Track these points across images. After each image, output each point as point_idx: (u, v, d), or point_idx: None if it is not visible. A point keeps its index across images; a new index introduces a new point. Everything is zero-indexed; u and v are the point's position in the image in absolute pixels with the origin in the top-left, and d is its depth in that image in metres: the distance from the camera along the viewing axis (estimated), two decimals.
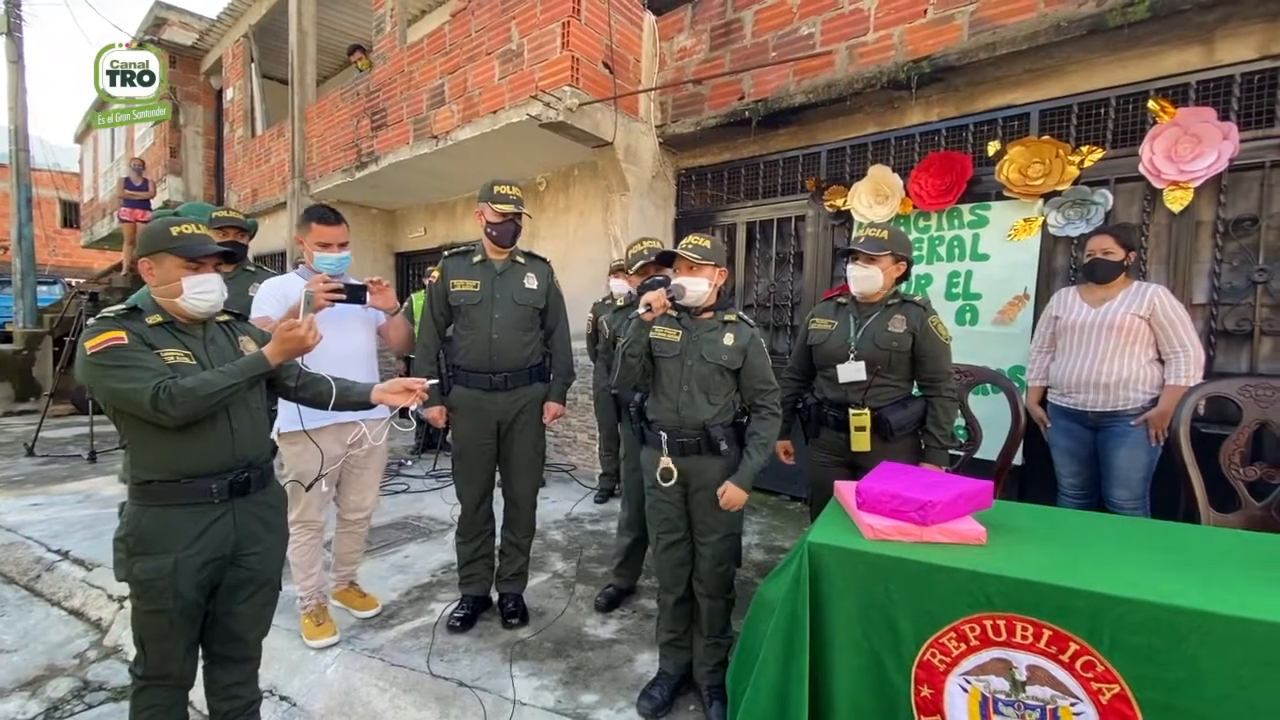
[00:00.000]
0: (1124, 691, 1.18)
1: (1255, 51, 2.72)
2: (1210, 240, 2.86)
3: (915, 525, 1.43)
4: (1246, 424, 2.34)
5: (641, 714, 1.90)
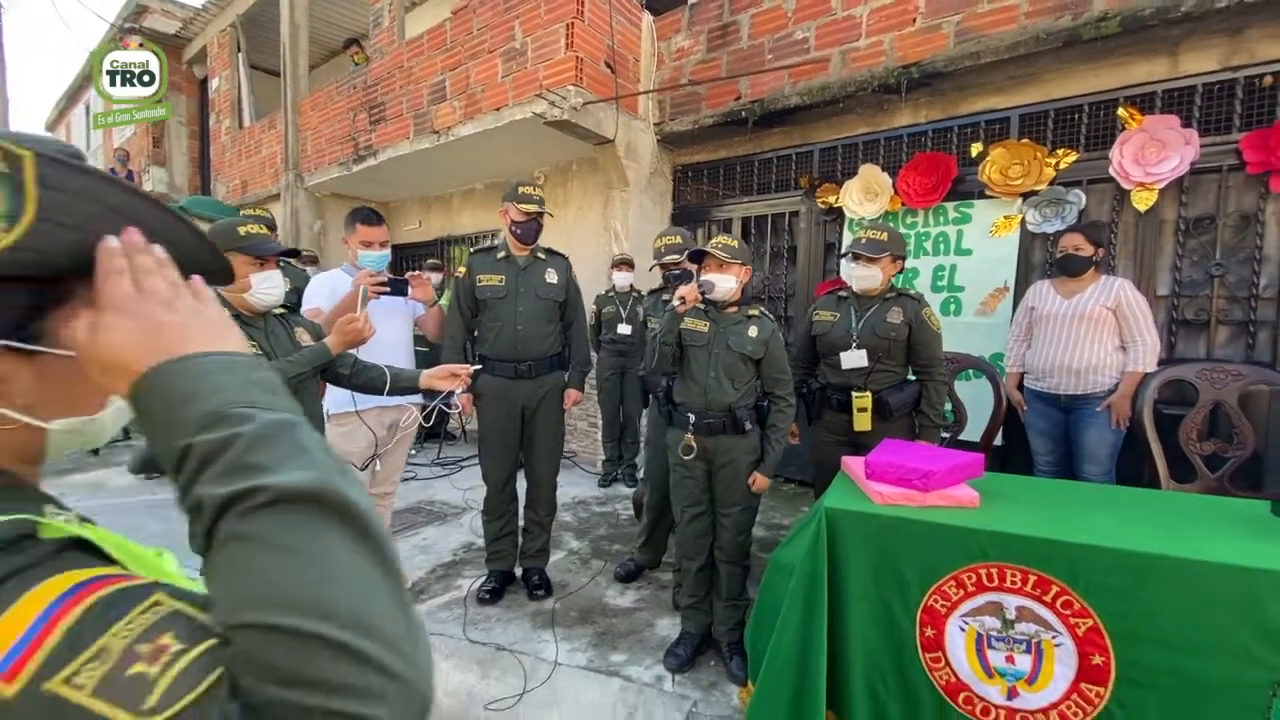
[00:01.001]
0: (1096, 624, 1.40)
1: (1216, 64, 2.96)
2: (1172, 237, 3.12)
3: (918, 491, 1.64)
4: (1203, 404, 2.61)
5: (668, 669, 2.11)
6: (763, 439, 2.11)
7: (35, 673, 0.31)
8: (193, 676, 0.32)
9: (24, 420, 0.44)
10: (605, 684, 2.07)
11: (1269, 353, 2.91)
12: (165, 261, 0.46)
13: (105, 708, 0.31)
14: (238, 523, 0.35)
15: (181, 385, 0.41)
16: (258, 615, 0.33)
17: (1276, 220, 2.90)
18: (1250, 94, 2.91)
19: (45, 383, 0.45)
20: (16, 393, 0.44)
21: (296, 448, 0.39)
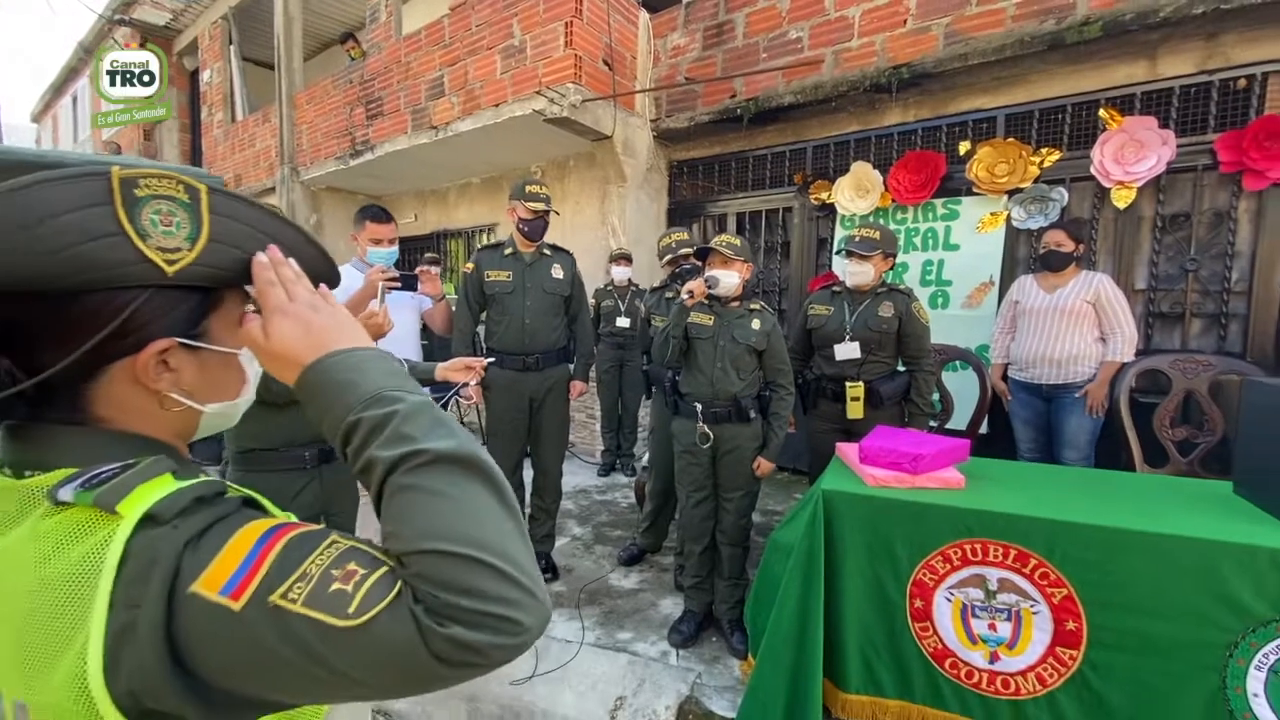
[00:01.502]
0: (1071, 593, 1.53)
1: (1193, 67, 3.09)
2: (1150, 234, 3.26)
3: (908, 474, 1.76)
4: (1175, 393, 2.75)
5: (673, 644, 2.23)
6: (765, 426, 2.23)
7: (256, 590, 0.42)
8: (381, 589, 0.42)
9: (188, 404, 0.54)
10: (614, 659, 2.18)
11: (1239, 344, 3.05)
12: (301, 272, 0.56)
13: (317, 614, 0.41)
14: (406, 477, 0.46)
15: (340, 374, 0.51)
16: (432, 544, 0.43)
17: (1248, 218, 3.04)
18: (1225, 96, 3.04)
19: (203, 374, 0.56)
20: (184, 381, 0.54)
21: (437, 422, 0.49)
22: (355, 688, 0.42)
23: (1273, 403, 1.58)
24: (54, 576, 0.43)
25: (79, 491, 0.45)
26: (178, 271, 0.50)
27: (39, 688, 0.42)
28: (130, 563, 0.43)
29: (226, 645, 0.42)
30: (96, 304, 0.48)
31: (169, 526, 0.44)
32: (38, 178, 0.44)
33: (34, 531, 0.45)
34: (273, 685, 0.43)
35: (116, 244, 0.47)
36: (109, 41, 9.42)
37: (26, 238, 0.43)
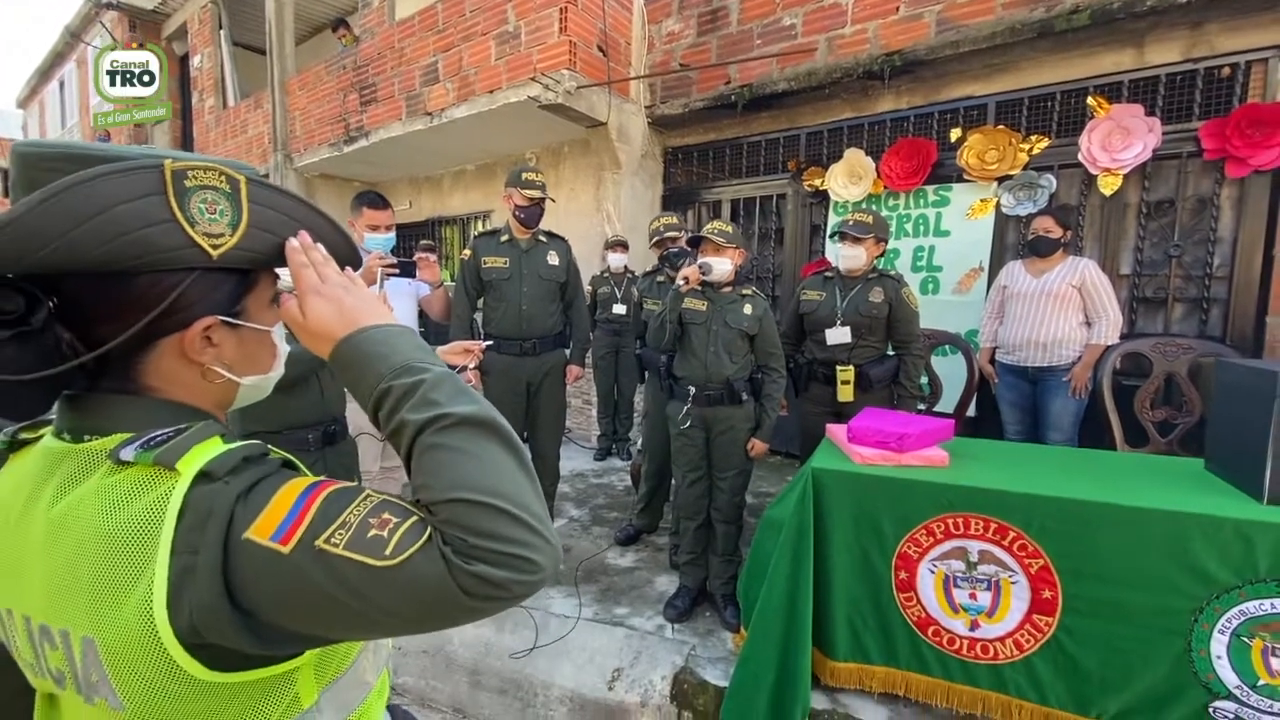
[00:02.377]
0: (1047, 564, 1.61)
1: (1179, 55, 3.13)
2: (1135, 220, 3.32)
3: (894, 452, 1.83)
4: (1156, 375, 2.83)
5: (668, 619, 2.31)
6: (758, 408, 2.30)
7: (302, 536, 0.47)
8: (414, 534, 0.48)
9: (228, 377, 0.60)
10: (611, 633, 2.26)
11: (1220, 328, 3.13)
12: (329, 256, 0.62)
13: (358, 556, 0.47)
14: (434, 437, 0.51)
15: (371, 347, 0.56)
16: (460, 494, 0.48)
17: (1230, 204, 3.10)
18: (1209, 84, 3.09)
19: (241, 349, 0.61)
20: (224, 355, 0.59)
21: (459, 390, 0.55)
22: (390, 620, 0.48)
23: (1242, 382, 1.65)
24: (120, 526, 0.49)
25: (139, 452, 0.50)
26: (221, 255, 0.55)
27: (107, 624, 0.48)
28: (189, 513, 0.48)
29: (277, 584, 0.47)
30: (150, 284, 0.54)
31: (221, 482, 0.50)
32: (100, 170, 0.49)
33: (99, 487, 0.51)
34: (317, 620, 0.48)
35: (168, 230, 0.52)
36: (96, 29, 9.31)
37: (92, 225, 0.48)
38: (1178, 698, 1.52)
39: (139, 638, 0.47)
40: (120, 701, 0.49)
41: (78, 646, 0.50)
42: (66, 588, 0.50)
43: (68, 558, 0.50)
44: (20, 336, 0.50)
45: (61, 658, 0.51)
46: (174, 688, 0.48)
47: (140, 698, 0.49)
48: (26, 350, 0.51)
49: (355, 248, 0.68)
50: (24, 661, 0.56)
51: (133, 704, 0.49)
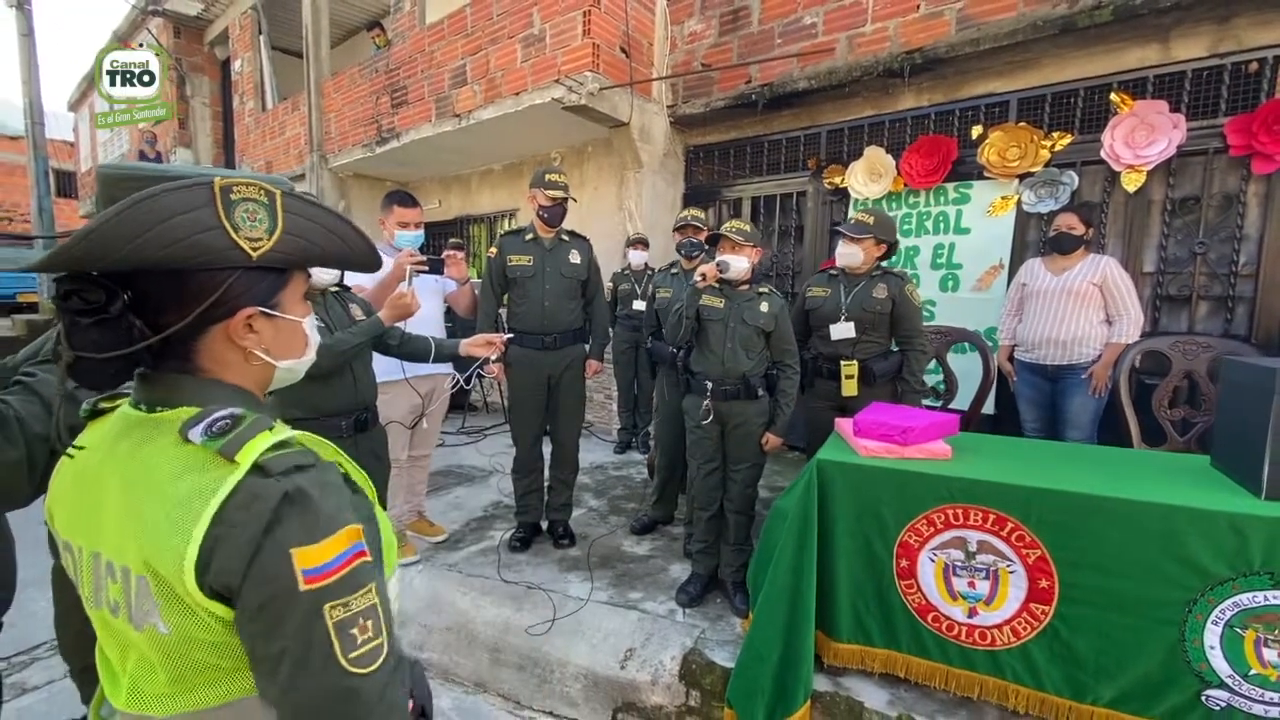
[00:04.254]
0: (1044, 554, 1.65)
1: (1205, 50, 3.10)
2: (1159, 217, 3.29)
3: (898, 445, 1.89)
4: (1175, 374, 2.82)
5: (679, 604, 2.40)
6: (772, 404, 2.37)
7: (321, 589, 0.58)
8: (375, 655, 0.61)
9: (266, 359, 0.71)
10: (625, 615, 2.36)
11: (1245, 326, 3.10)
12: None
13: (334, 638, 0.58)
14: None
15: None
16: None
17: (1257, 201, 3.06)
18: (1236, 79, 3.05)
19: (277, 336, 0.72)
20: (264, 341, 0.71)
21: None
22: (290, 691, 0.58)
23: (1245, 379, 1.67)
24: (181, 491, 0.60)
25: (205, 439, 0.62)
26: (260, 256, 0.67)
27: (157, 565, 0.59)
28: (239, 495, 0.59)
29: (264, 597, 0.58)
30: (203, 280, 0.65)
31: (274, 479, 0.60)
32: (164, 188, 0.60)
33: (172, 455, 0.63)
34: (257, 639, 0.59)
35: (217, 235, 0.63)
36: (142, 34, 9.71)
37: (155, 232, 0.59)
38: (1171, 686, 1.56)
39: (178, 580, 0.58)
40: (167, 628, 0.61)
41: (133, 583, 0.62)
42: (131, 531, 0.62)
43: (135, 507, 0.62)
44: (101, 322, 0.62)
45: (119, 590, 0.63)
46: (205, 618, 0.59)
47: (182, 623, 0.60)
48: (106, 334, 0.62)
49: (377, 251, 0.79)
50: (84, 594, 0.68)
51: (175, 629, 0.60)
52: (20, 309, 11.39)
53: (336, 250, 0.74)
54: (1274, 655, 1.49)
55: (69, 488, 0.70)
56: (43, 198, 8.23)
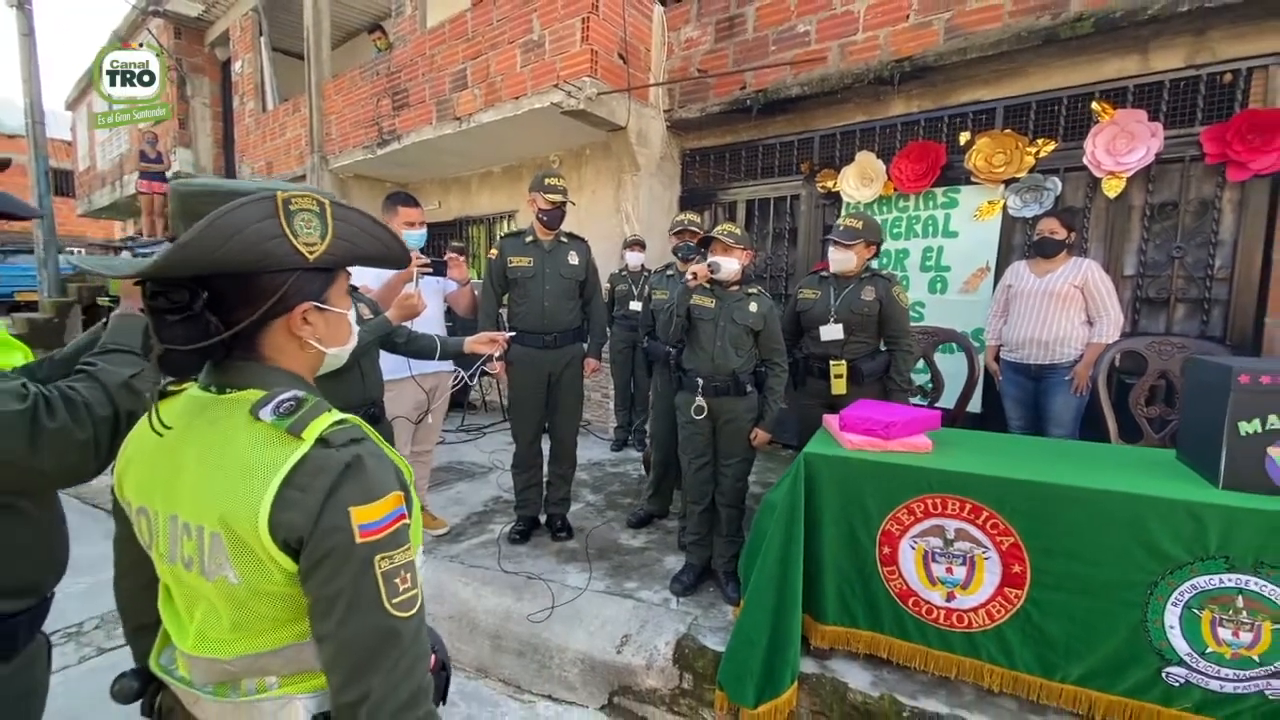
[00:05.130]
0: (1017, 541, 1.75)
1: (1182, 61, 3.21)
2: (1139, 222, 3.41)
3: (881, 439, 1.99)
4: (1150, 373, 2.93)
5: (674, 593, 2.49)
6: (761, 400, 2.47)
7: (374, 542, 0.68)
8: (412, 603, 0.71)
9: (319, 348, 0.81)
10: (621, 603, 2.45)
11: (1220, 328, 3.21)
12: None
13: (381, 585, 0.68)
14: None
15: None
16: None
17: (1231, 207, 3.18)
18: (1212, 90, 3.16)
19: (327, 327, 0.82)
20: (317, 332, 0.81)
21: None
22: (342, 639, 0.68)
23: (1208, 378, 1.78)
24: (257, 460, 0.70)
25: (275, 419, 0.72)
26: (315, 258, 0.76)
27: (232, 523, 0.69)
28: (307, 464, 0.69)
29: (327, 548, 0.68)
30: (268, 280, 0.75)
31: (335, 450, 0.71)
32: (239, 202, 0.70)
33: (248, 431, 0.73)
34: (313, 584, 0.68)
35: (280, 242, 0.73)
36: (142, 34, 9.77)
37: (235, 240, 0.69)
38: (1134, 663, 1.66)
39: (254, 534, 0.68)
40: (238, 577, 0.70)
41: (207, 540, 0.71)
42: (209, 494, 0.71)
43: (214, 473, 0.72)
44: (186, 319, 0.72)
45: (194, 547, 0.73)
46: (272, 569, 0.69)
47: (250, 574, 0.70)
48: (189, 329, 0.72)
49: (407, 249, 0.89)
50: (158, 552, 0.78)
51: (244, 580, 0.70)
52: (19, 307, 11.45)
53: (375, 250, 0.85)
54: (1229, 634, 1.59)
55: (145, 459, 0.80)
56: (43, 196, 8.27)
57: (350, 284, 2.39)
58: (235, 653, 0.73)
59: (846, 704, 1.91)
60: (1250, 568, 1.55)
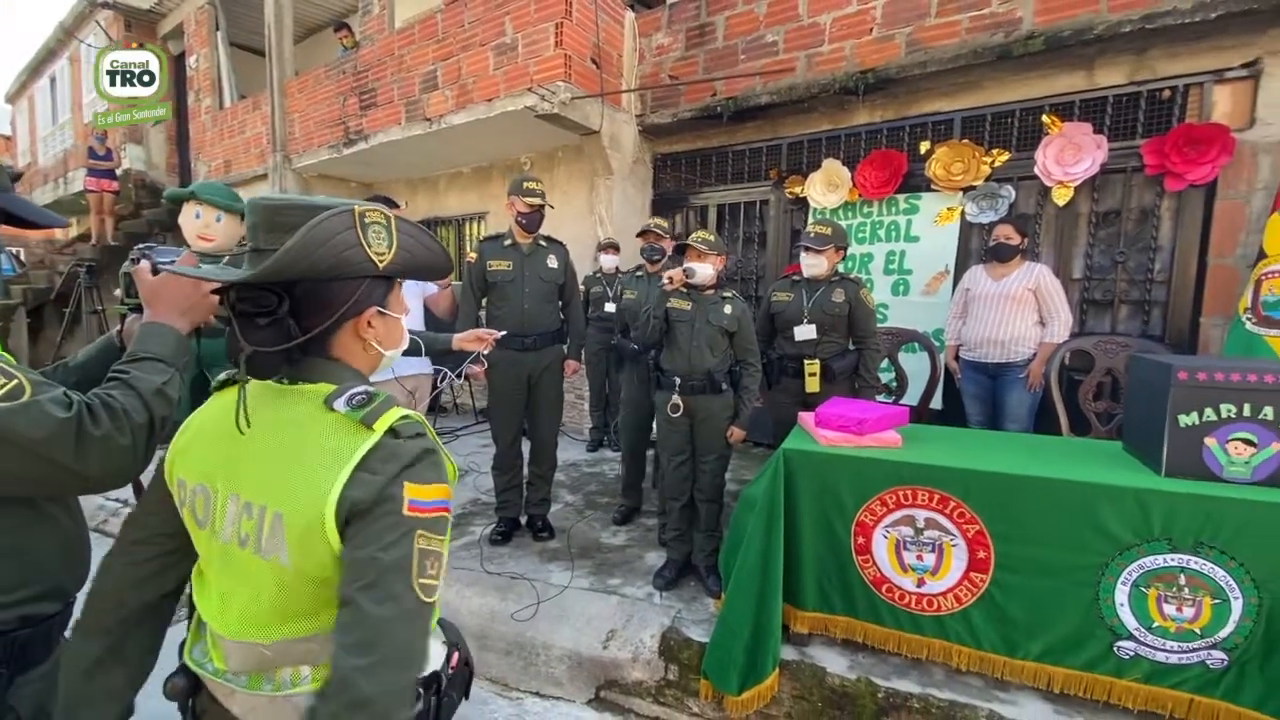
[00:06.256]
0: (982, 529, 1.87)
1: (1124, 78, 3.43)
2: (1086, 228, 3.62)
3: (854, 435, 2.09)
4: (1097, 370, 3.12)
5: (656, 588, 2.56)
6: (736, 398, 2.56)
7: (419, 519, 0.73)
8: (435, 591, 0.75)
9: (379, 350, 0.88)
10: (605, 600, 2.51)
11: (1160, 327, 3.44)
12: None
13: (414, 563, 0.72)
14: None
15: None
16: None
17: (1169, 215, 3.41)
18: (1152, 105, 3.39)
19: (387, 330, 0.88)
20: (379, 334, 0.87)
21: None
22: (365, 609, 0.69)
23: (1150, 375, 1.93)
24: (333, 447, 0.76)
25: (349, 410, 0.77)
26: (384, 267, 0.83)
27: (296, 505, 0.74)
28: (378, 451, 0.75)
29: (380, 513, 0.72)
30: (343, 287, 0.81)
31: (404, 440, 0.76)
32: (327, 214, 0.76)
33: (322, 420, 0.78)
34: (356, 543, 0.72)
35: (357, 251, 0.79)
36: (90, 26, 9.38)
37: (323, 249, 0.75)
38: (1088, 639, 1.80)
39: (314, 516, 0.72)
40: (288, 559, 0.74)
41: (269, 519, 0.76)
42: (277, 477, 0.76)
43: (286, 457, 0.77)
44: (272, 323, 0.78)
45: (253, 525, 0.77)
46: (321, 552, 0.73)
47: (301, 557, 0.74)
48: (275, 331, 0.78)
49: (452, 261, 0.95)
50: (213, 529, 0.81)
51: (294, 561, 0.74)
52: None
53: (429, 260, 0.91)
54: (1172, 609, 1.74)
55: (206, 442, 0.85)
56: None
57: None
58: (275, 636, 0.77)
59: (825, 687, 2.00)
60: (1190, 548, 1.69)
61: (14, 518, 0.94)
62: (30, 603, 0.95)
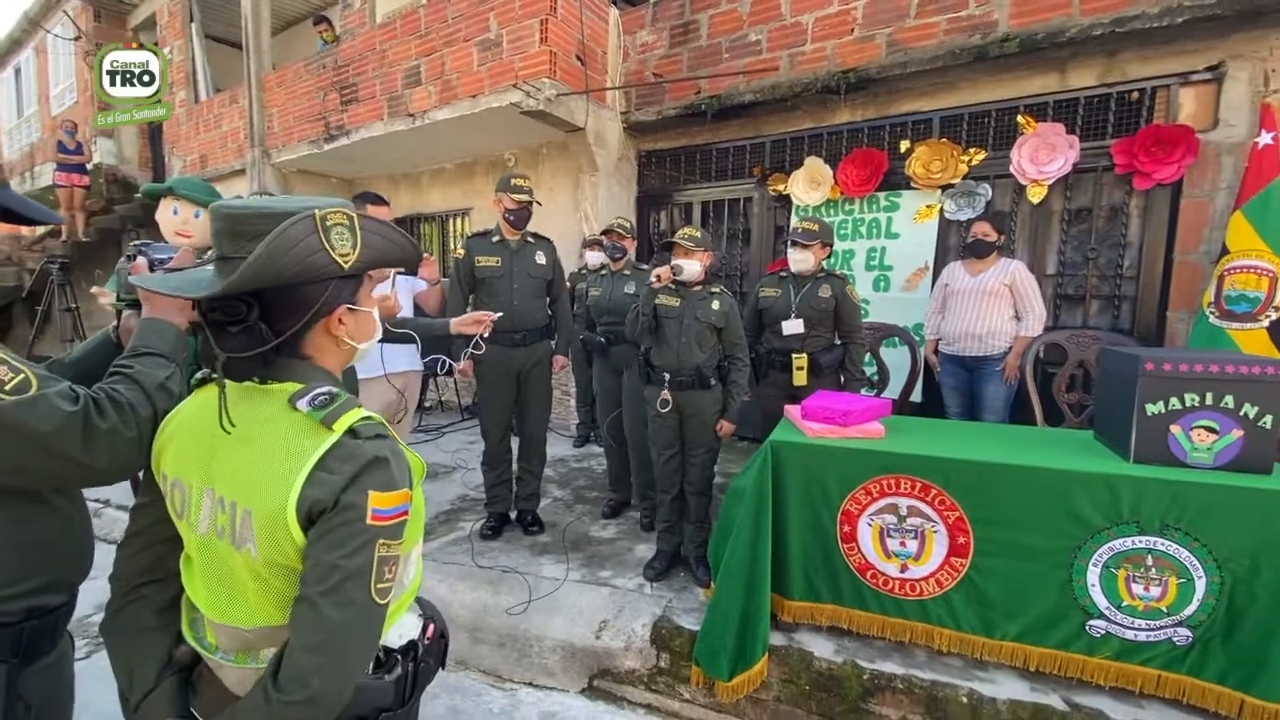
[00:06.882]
0: (961, 515, 1.95)
1: (1095, 80, 3.54)
2: (1059, 226, 3.74)
3: (839, 426, 2.16)
4: (1070, 363, 3.23)
5: (647, 579, 2.61)
6: (725, 393, 2.61)
7: (380, 528, 0.76)
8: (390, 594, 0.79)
9: (351, 344, 0.90)
10: (597, 591, 2.55)
11: (1129, 321, 3.57)
12: None
13: (372, 569, 0.75)
14: None
15: None
16: None
17: (1138, 213, 3.53)
18: (1121, 106, 3.51)
19: (358, 325, 0.90)
20: (350, 330, 0.88)
21: None
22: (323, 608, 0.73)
23: (1120, 367, 2.02)
24: (292, 445, 0.78)
25: (310, 410, 0.79)
26: (349, 267, 0.84)
27: (262, 502, 0.77)
28: (336, 450, 0.77)
29: (342, 520, 0.75)
30: (311, 290, 0.83)
31: (362, 441, 0.79)
32: (289, 223, 0.77)
33: (289, 420, 0.80)
34: (319, 546, 0.75)
35: (321, 255, 0.81)
36: (57, 17, 9.14)
37: (290, 257, 0.77)
38: (1062, 618, 1.88)
39: (277, 513, 0.76)
40: (258, 553, 0.78)
41: (239, 514, 0.79)
42: (243, 474, 0.79)
43: (253, 454, 0.80)
44: (244, 330, 0.79)
45: (227, 519, 0.80)
46: (287, 546, 0.76)
47: (269, 549, 0.77)
48: (247, 337, 0.80)
49: (420, 250, 0.97)
50: (189, 522, 0.84)
51: (263, 553, 0.77)
52: None
53: (395, 254, 0.92)
54: (1140, 589, 1.83)
55: (185, 438, 0.87)
56: None
57: None
58: (254, 623, 0.81)
59: (812, 671, 2.07)
60: (1157, 530, 1.78)
61: (19, 510, 0.95)
62: (35, 594, 0.97)
